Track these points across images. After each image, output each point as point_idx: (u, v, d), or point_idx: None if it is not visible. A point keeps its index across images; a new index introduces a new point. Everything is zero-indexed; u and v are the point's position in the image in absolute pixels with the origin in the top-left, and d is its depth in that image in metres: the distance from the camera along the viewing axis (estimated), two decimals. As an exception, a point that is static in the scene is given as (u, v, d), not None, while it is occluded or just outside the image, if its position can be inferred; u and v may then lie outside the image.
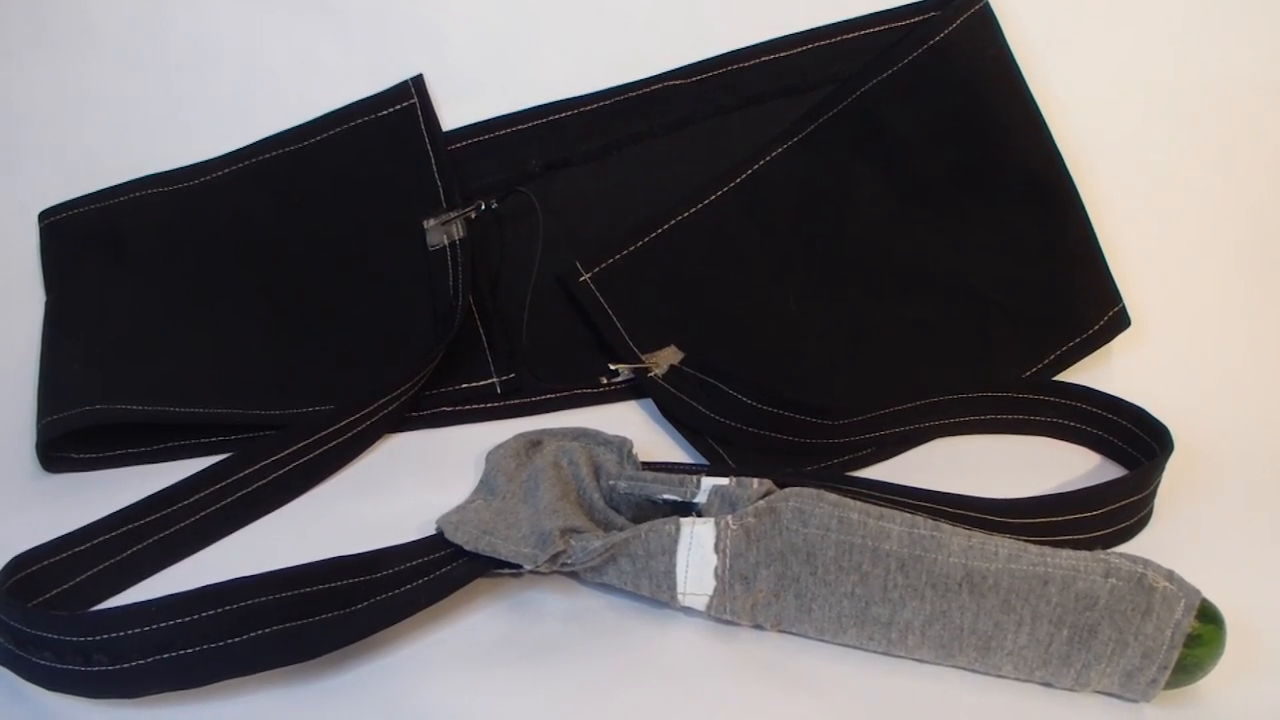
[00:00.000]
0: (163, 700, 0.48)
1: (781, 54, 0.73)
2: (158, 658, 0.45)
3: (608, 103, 0.72)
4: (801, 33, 0.73)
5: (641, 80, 0.72)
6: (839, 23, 0.73)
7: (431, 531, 0.54)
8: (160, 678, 0.46)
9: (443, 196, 0.69)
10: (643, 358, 0.67)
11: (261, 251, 0.70)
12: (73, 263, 0.70)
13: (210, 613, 0.46)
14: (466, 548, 0.52)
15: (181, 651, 0.46)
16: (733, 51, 0.72)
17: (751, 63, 0.72)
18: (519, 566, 0.51)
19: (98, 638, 0.45)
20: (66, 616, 0.46)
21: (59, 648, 0.46)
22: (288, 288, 0.69)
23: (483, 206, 0.69)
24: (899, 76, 0.71)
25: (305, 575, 0.48)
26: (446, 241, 0.68)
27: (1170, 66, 0.77)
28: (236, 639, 0.46)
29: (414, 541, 0.52)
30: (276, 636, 0.47)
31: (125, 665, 0.45)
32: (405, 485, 0.62)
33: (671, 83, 0.72)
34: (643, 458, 0.60)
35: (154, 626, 0.45)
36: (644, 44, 0.72)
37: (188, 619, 0.46)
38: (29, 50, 0.72)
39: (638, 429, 0.66)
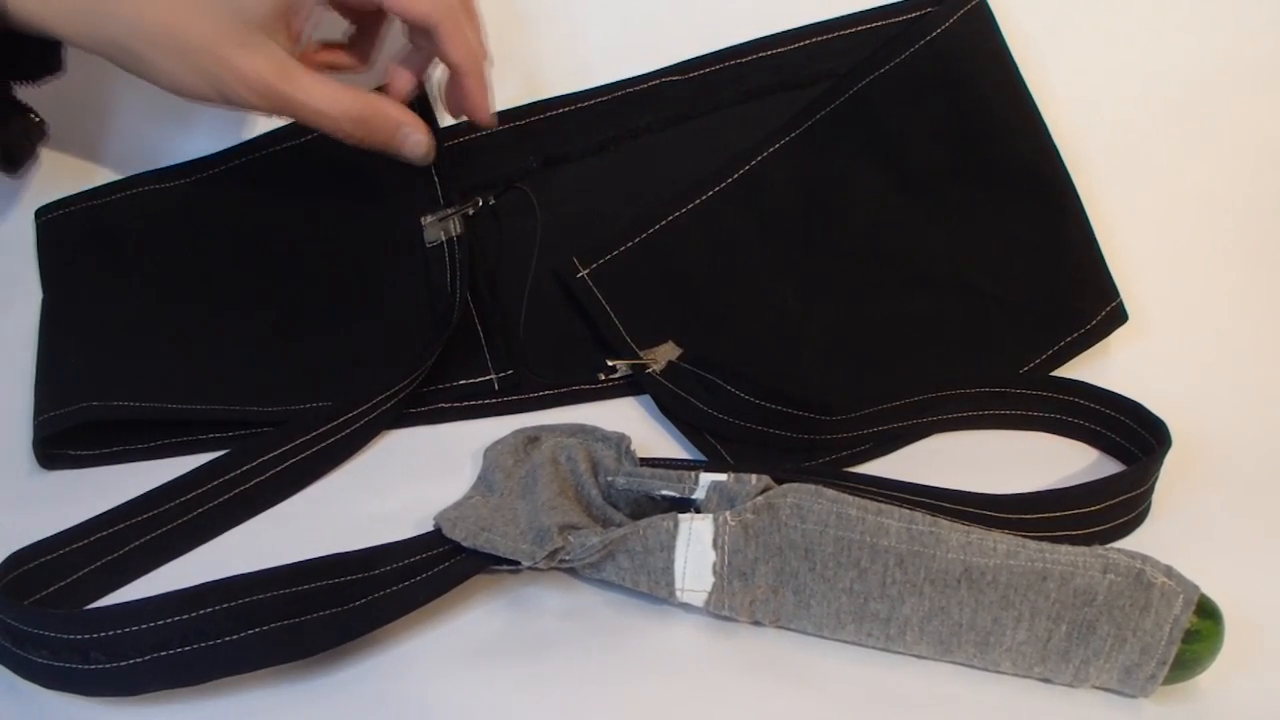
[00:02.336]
0: (158, 697, 0.48)
1: (779, 50, 0.72)
2: (155, 655, 0.45)
3: (605, 99, 0.72)
4: (799, 28, 0.73)
5: (639, 76, 0.72)
6: (837, 18, 0.73)
7: (429, 528, 0.54)
8: (157, 676, 0.46)
9: (440, 193, 0.69)
10: (641, 354, 0.67)
11: (258, 248, 0.70)
12: (69, 260, 0.70)
13: (207, 610, 0.46)
14: (464, 544, 0.52)
15: (179, 649, 0.46)
16: (730, 47, 0.72)
17: (749, 58, 0.72)
18: (517, 563, 0.51)
19: (94, 635, 0.45)
20: (63, 614, 0.46)
21: (55, 645, 0.46)
22: (285, 284, 0.69)
23: (480, 203, 0.68)
24: (896, 72, 0.71)
25: (302, 572, 0.48)
26: (444, 238, 0.68)
27: (1167, 61, 0.77)
28: (234, 637, 0.46)
29: (412, 538, 0.52)
30: (274, 634, 0.47)
31: (122, 663, 0.45)
32: (403, 482, 0.62)
33: (669, 79, 0.72)
34: (641, 454, 0.60)
35: (151, 624, 0.45)
36: (642, 40, 0.72)
37: (185, 617, 0.45)
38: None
39: (636, 425, 0.66)
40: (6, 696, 0.48)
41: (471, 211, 0.68)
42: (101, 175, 0.72)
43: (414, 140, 0.63)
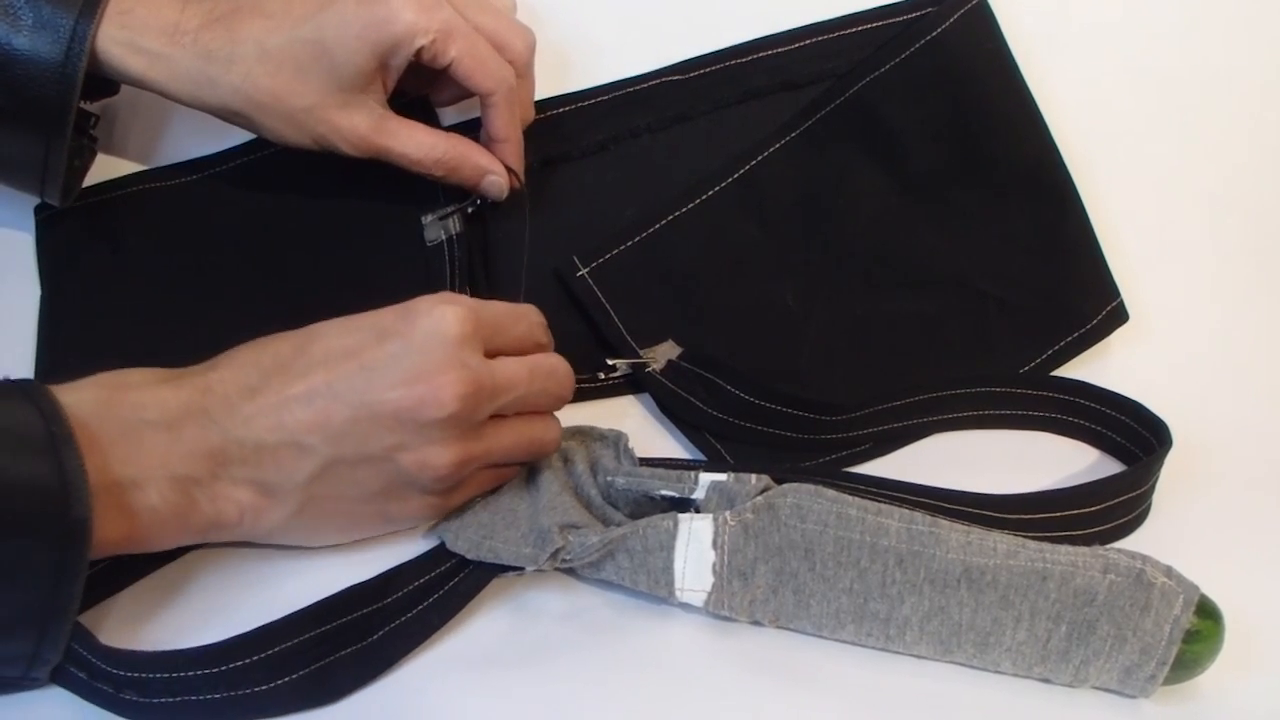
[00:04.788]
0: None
1: (780, 50, 0.72)
2: (185, 699, 0.46)
3: (605, 99, 0.72)
4: (799, 28, 0.72)
5: (639, 76, 0.72)
6: (837, 18, 0.73)
7: (430, 529, 0.54)
8: (186, 716, 0.47)
9: (440, 192, 0.69)
10: (640, 352, 0.67)
11: (259, 248, 0.70)
12: (69, 258, 0.70)
13: (237, 664, 0.47)
14: (469, 557, 0.52)
15: (208, 696, 0.47)
16: (730, 48, 0.72)
17: (749, 58, 0.72)
18: (522, 567, 0.51)
19: (126, 674, 0.46)
20: (100, 646, 0.47)
21: (93, 670, 0.46)
22: (285, 284, 0.69)
23: (479, 201, 0.68)
24: (896, 71, 0.71)
25: (323, 612, 0.49)
26: (444, 236, 0.68)
27: (1168, 60, 0.77)
28: (263, 688, 0.47)
29: (418, 558, 0.53)
30: (302, 682, 0.48)
31: (154, 700, 0.46)
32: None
33: (669, 79, 0.72)
34: (641, 453, 0.60)
35: (181, 674, 0.46)
36: (642, 40, 0.72)
37: (215, 670, 0.47)
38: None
39: (636, 423, 0.66)
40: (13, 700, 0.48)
41: (470, 210, 0.68)
42: (102, 173, 0.72)
43: (497, 185, 0.66)
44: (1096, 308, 0.72)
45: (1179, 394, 0.67)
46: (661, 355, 0.66)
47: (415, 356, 0.49)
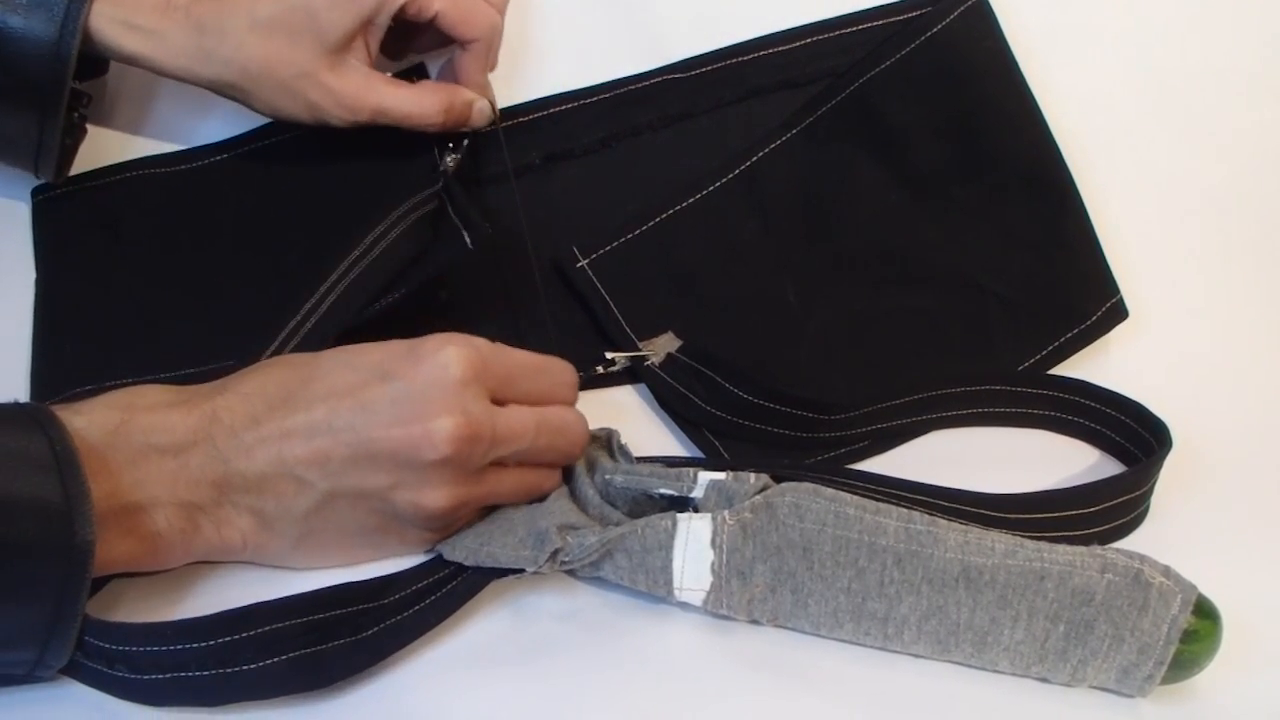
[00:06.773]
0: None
1: (781, 48, 0.72)
2: (175, 675, 0.46)
3: (607, 95, 0.72)
4: (800, 27, 0.73)
5: (641, 74, 0.72)
6: (838, 17, 0.73)
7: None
8: (178, 694, 0.47)
9: (437, 151, 0.69)
10: (639, 344, 0.67)
11: (257, 234, 0.70)
12: (66, 241, 0.70)
13: (226, 639, 0.46)
14: (467, 564, 0.52)
15: (198, 673, 0.46)
16: (732, 46, 0.72)
17: (751, 56, 0.72)
18: (520, 570, 0.51)
19: (118, 648, 0.46)
20: (93, 620, 0.46)
21: (86, 647, 0.46)
22: (283, 270, 0.69)
23: (452, 145, 0.68)
24: (897, 69, 0.71)
25: (320, 601, 0.48)
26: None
27: (1168, 58, 0.77)
28: (253, 666, 0.47)
29: (416, 566, 0.52)
30: (292, 664, 0.47)
31: (145, 677, 0.46)
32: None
33: (671, 76, 0.72)
34: (637, 445, 0.59)
35: (170, 648, 0.46)
36: (644, 38, 0.72)
37: (203, 644, 0.46)
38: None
39: (633, 415, 0.66)
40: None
41: (452, 161, 0.68)
42: (100, 158, 0.72)
43: (485, 112, 0.67)
44: (1096, 304, 0.72)
45: (1178, 392, 0.67)
46: (661, 348, 0.66)
47: (415, 398, 0.49)
